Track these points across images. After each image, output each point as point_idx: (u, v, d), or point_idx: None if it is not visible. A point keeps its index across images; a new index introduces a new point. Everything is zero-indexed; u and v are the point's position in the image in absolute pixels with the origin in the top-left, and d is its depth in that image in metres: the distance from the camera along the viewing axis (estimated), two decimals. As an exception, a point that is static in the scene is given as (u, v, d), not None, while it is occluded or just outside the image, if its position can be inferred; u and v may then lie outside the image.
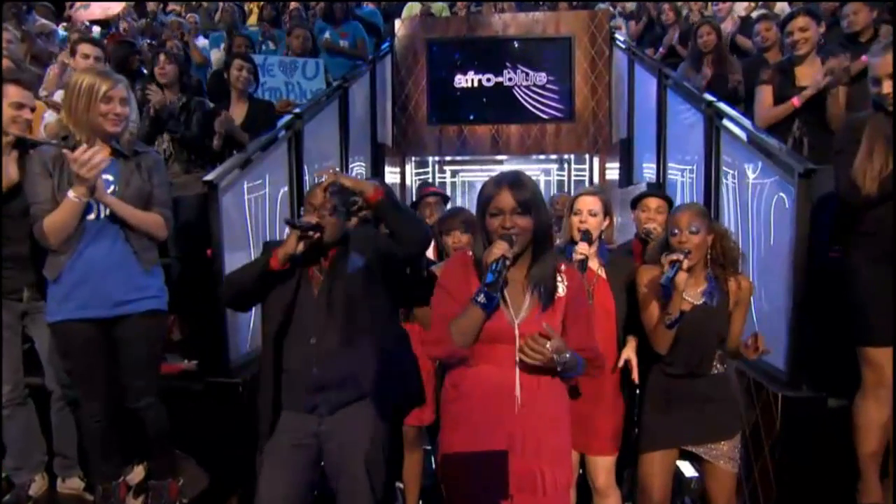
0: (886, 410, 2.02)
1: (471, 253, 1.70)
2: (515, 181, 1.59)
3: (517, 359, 1.57)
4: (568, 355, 1.55)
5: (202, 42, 5.59)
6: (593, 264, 2.14)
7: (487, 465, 1.60)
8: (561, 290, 1.65)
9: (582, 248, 2.06)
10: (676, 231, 1.92)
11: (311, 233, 1.76)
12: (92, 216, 2.05)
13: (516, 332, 1.58)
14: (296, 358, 1.82)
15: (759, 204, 2.62)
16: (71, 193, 1.96)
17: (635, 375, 2.05)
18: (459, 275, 1.67)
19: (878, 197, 1.93)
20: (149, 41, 5.92)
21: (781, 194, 2.40)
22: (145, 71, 4.17)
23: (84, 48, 3.53)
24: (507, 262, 1.51)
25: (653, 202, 2.67)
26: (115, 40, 5.11)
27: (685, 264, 1.82)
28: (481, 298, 1.50)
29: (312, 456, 1.85)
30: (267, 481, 1.81)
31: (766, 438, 2.29)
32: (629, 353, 2.06)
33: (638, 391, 2.12)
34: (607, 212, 2.17)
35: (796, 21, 2.93)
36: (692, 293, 1.95)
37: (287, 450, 1.82)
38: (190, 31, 5.71)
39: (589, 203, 2.16)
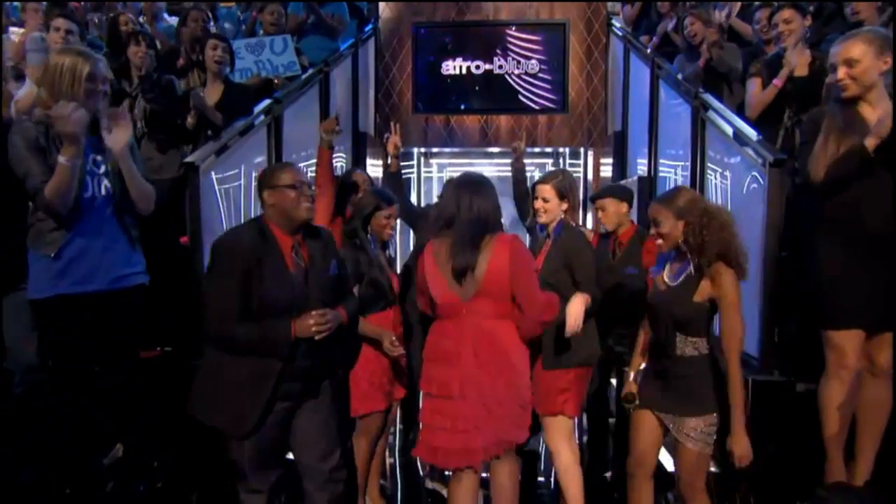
0: (848, 393, 2.39)
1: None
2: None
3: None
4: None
5: (173, 20, 5.89)
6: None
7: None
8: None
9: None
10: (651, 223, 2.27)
11: None
12: (88, 194, 2.38)
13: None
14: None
15: (739, 195, 3.01)
16: (61, 158, 2.27)
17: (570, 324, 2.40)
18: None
19: (831, 183, 2.31)
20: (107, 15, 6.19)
21: (755, 185, 2.79)
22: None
23: (58, 22, 3.62)
24: None
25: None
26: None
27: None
28: None
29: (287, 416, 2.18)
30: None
31: (738, 423, 2.65)
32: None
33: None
34: (563, 195, 2.60)
35: (781, 13, 3.37)
36: (669, 274, 2.32)
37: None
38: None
39: (543, 191, 2.63)
